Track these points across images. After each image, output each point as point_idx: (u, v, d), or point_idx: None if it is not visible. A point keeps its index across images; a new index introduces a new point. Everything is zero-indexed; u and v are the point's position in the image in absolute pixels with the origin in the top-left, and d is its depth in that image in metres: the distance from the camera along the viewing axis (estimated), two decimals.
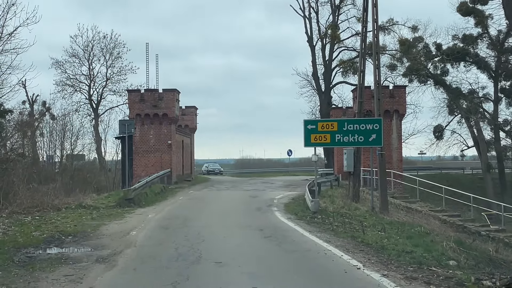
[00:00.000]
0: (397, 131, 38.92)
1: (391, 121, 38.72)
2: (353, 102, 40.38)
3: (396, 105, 38.60)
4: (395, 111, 38.70)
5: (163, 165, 39.54)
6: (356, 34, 49.23)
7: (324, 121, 26.11)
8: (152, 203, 27.11)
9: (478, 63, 54.22)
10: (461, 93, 54.46)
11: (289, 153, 68.19)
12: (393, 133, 38.81)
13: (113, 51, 57.96)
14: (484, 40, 54.59)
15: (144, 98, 39.67)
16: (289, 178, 54.73)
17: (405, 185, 38.10)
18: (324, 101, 49.70)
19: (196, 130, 51.49)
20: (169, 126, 39.91)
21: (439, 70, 54.92)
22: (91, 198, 27.70)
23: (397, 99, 38.64)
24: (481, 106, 55.51)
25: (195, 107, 51.40)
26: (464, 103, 54.50)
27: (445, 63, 54.63)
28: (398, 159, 38.88)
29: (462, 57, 53.66)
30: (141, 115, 39.65)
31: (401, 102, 38.73)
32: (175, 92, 40.01)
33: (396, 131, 38.89)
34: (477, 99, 55.16)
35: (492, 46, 53.78)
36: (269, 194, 33.05)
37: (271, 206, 26.00)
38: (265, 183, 44.42)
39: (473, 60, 54.32)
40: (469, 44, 54.00)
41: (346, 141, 24.22)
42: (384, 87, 39.54)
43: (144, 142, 39.90)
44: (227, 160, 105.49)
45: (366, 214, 23.65)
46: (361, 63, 26.80)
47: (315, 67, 49.88)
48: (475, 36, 53.97)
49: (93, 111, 59.77)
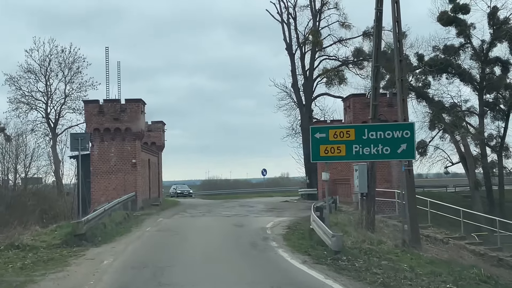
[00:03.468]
0: None
1: None
2: (344, 113, 33.81)
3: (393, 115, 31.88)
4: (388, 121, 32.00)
5: (126, 188, 32.19)
6: (339, 42, 42.92)
7: (337, 127, 19.20)
8: (112, 239, 19.80)
9: (462, 75, 48.63)
10: (444, 107, 48.81)
11: (264, 172, 61.53)
12: None
13: (72, 66, 51.31)
14: (466, 50, 49.45)
15: (104, 110, 32.38)
16: (266, 199, 47.84)
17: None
18: (306, 114, 43.09)
19: (164, 148, 44.12)
20: (133, 142, 32.62)
21: (421, 83, 49.38)
22: (32, 233, 20.36)
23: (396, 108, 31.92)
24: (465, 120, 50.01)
25: (163, 123, 44.07)
26: (447, 118, 48.89)
27: (426, 75, 49.02)
28: (398, 176, 32.19)
29: (444, 68, 47.98)
30: (100, 130, 32.30)
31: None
32: (140, 103, 32.81)
33: None
34: (461, 112, 49.58)
35: (476, 57, 48.56)
36: (256, 221, 26.06)
37: (268, 240, 19.05)
38: (244, 206, 37.32)
39: (456, 71, 48.63)
40: (451, 55, 48.79)
41: (366, 153, 17.56)
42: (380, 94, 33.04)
43: (104, 161, 32.50)
44: (193, 181, 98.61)
45: (397, 251, 17.18)
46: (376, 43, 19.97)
47: (295, 77, 43.46)
48: (457, 47, 48.64)
49: (50, 131, 52.78)
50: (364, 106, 31.71)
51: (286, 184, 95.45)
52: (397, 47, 19.23)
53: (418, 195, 31.95)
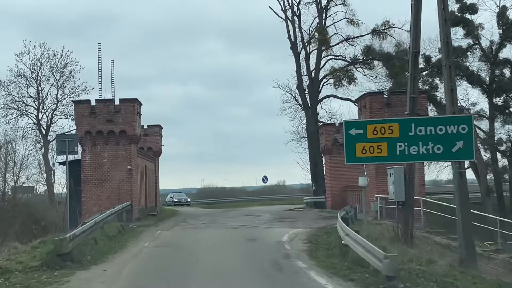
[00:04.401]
0: None
1: None
2: (358, 113, 30.25)
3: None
4: None
5: (121, 197, 28.51)
6: (346, 40, 39.39)
7: (377, 122, 15.53)
8: (103, 258, 16.13)
9: (470, 77, 45.27)
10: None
11: (265, 180, 57.65)
12: None
13: (64, 70, 48.11)
14: (474, 52, 46.39)
15: (96, 111, 28.69)
16: (269, 208, 44.18)
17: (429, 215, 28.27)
18: (311, 117, 39.51)
19: (161, 153, 40.38)
20: (128, 146, 28.95)
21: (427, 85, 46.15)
22: (9, 252, 16.71)
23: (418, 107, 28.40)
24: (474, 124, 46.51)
25: (160, 126, 40.32)
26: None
27: (433, 78, 45.79)
28: (419, 182, 28.68)
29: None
30: (92, 133, 28.61)
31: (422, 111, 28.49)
32: (136, 104, 29.14)
33: None
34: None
35: (485, 58, 45.49)
36: (269, 233, 22.43)
37: (291, 258, 15.47)
38: (249, 216, 33.64)
39: (464, 73, 45.35)
40: (458, 57, 45.68)
41: (413, 153, 14.05)
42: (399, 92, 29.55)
43: (96, 168, 28.79)
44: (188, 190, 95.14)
45: (455, 272, 13.51)
46: (414, 23, 16.46)
47: (300, 78, 39.88)
48: (465, 48, 45.61)
49: (42, 138, 49.40)
50: (382, 106, 28.25)
51: (283, 191, 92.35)
52: (443, 24, 15.71)
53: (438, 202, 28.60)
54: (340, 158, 37.94)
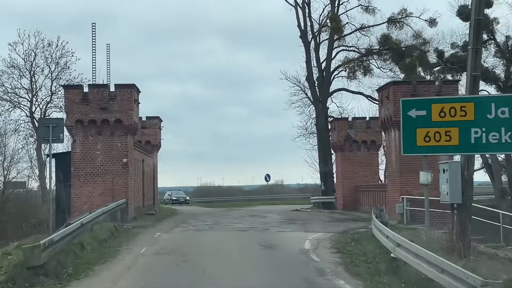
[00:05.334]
0: None
1: None
2: (380, 106, 26.72)
3: None
4: None
5: (115, 194, 24.82)
6: (360, 29, 35.76)
7: (445, 101, 11.77)
8: (88, 270, 12.51)
9: (485, 73, 41.75)
10: None
11: (267, 178, 53.90)
12: None
13: (59, 61, 44.67)
14: (489, 48, 43.08)
15: (89, 98, 24.95)
16: (272, 208, 40.56)
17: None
18: (322, 111, 35.84)
19: (160, 147, 36.60)
20: (124, 137, 25.24)
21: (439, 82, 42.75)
22: None
23: None
24: None
25: (159, 118, 36.53)
26: None
27: (445, 74, 42.29)
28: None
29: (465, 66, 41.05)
30: (84, 122, 24.89)
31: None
32: (133, 90, 25.40)
33: None
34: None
35: (500, 54, 42.27)
36: (285, 239, 18.88)
37: (327, 275, 12.08)
38: (254, 216, 29.98)
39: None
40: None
41: (494, 141, 10.53)
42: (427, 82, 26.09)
43: (88, 161, 25.07)
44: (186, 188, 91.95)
45: None
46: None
47: (310, 70, 36.19)
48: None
49: (35, 131, 45.59)
50: (409, 96, 24.59)
51: (281, 191, 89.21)
52: None
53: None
54: (353, 155, 34.36)
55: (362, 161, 33.71)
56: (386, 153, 27.02)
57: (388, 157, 26.27)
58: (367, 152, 33.84)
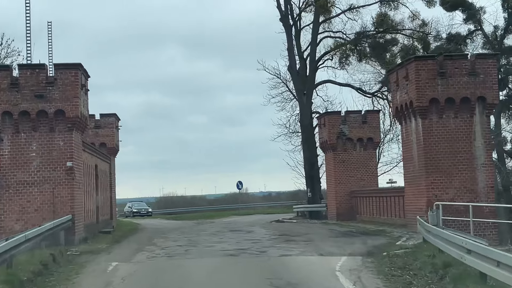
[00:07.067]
0: (483, 135, 19.34)
1: (473, 116, 19.18)
2: (394, 89, 20.99)
3: (481, 89, 19.00)
4: (479, 99, 19.05)
5: (57, 208, 18.23)
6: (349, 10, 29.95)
7: None
8: None
9: None
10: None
11: (239, 185, 47.68)
12: (476, 138, 19.27)
13: (4, 62, 36.63)
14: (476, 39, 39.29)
15: (19, 82, 18.24)
16: (248, 219, 34.72)
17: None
18: (307, 105, 29.79)
19: (118, 151, 29.76)
20: (68, 134, 18.57)
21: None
22: None
23: (482, 78, 19.04)
24: None
25: (116, 116, 29.65)
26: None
27: None
28: (488, 183, 19.30)
29: None
30: (14, 114, 18.15)
31: (489, 84, 19.12)
32: (79, 71, 18.73)
33: (481, 134, 19.33)
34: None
35: (488, 46, 38.65)
36: (299, 268, 12.78)
37: None
38: (236, 231, 23.72)
39: None
40: (458, 44, 38.22)
41: None
42: (457, 56, 20.30)
43: (19, 166, 18.32)
44: (147, 199, 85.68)
45: None
46: None
47: (293, 58, 30.26)
48: (465, 35, 38.46)
49: None
50: (434, 76, 18.89)
51: (245, 200, 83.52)
52: None
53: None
54: (347, 156, 28.28)
55: (357, 162, 27.76)
56: (403, 149, 21.13)
57: (406, 153, 20.39)
58: (364, 152, 27.89)
